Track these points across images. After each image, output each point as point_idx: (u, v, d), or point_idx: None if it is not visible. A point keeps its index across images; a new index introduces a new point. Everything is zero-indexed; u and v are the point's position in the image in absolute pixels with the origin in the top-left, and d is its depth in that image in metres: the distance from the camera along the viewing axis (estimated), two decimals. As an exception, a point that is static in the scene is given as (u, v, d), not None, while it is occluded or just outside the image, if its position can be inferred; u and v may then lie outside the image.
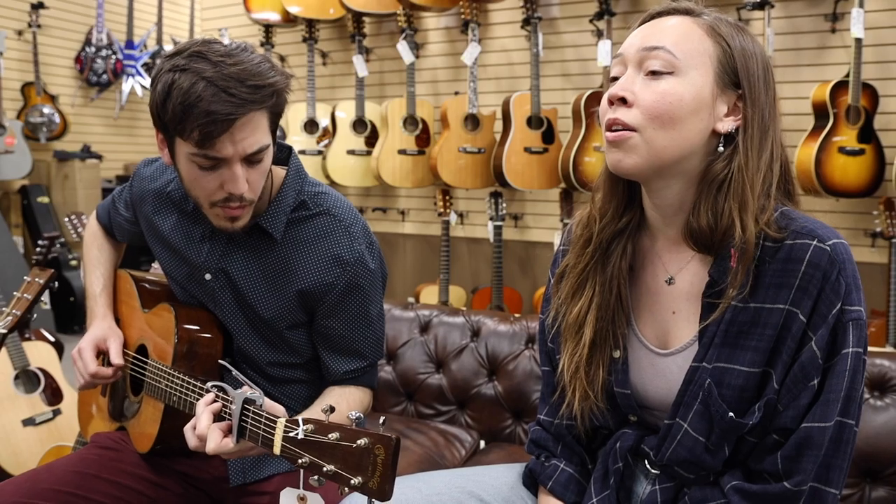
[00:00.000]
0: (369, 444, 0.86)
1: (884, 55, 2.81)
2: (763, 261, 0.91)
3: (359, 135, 3.56)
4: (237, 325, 1.32)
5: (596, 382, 1.02)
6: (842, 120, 2.70)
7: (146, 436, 1.31)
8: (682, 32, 0.93)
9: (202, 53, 1.09)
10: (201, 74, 1.07)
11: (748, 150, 0.92)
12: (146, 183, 1.38)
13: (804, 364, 0.89)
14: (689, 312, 0.98)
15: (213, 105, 1.06)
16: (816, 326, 0.89)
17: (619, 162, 0.94)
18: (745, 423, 0.91)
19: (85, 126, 4.95)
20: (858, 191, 2.73)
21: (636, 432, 1.04)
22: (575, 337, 1.04)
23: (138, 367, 1.36)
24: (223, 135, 1.09)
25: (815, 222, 0.92)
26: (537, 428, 1.16)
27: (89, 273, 1.50)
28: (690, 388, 0.95)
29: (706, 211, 0.92)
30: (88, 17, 4.92)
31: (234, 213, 1.18)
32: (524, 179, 3.23)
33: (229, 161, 1.12)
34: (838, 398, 0.88)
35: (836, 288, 0.88)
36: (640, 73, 0.93)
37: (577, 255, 1.06)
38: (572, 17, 3.37)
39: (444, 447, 1.94)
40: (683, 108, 0.91)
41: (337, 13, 3.65)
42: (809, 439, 0.89)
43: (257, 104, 1.10)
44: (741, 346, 0.92)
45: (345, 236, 1.26)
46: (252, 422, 1.02)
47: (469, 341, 2.15)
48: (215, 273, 1.30)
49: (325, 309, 1.27)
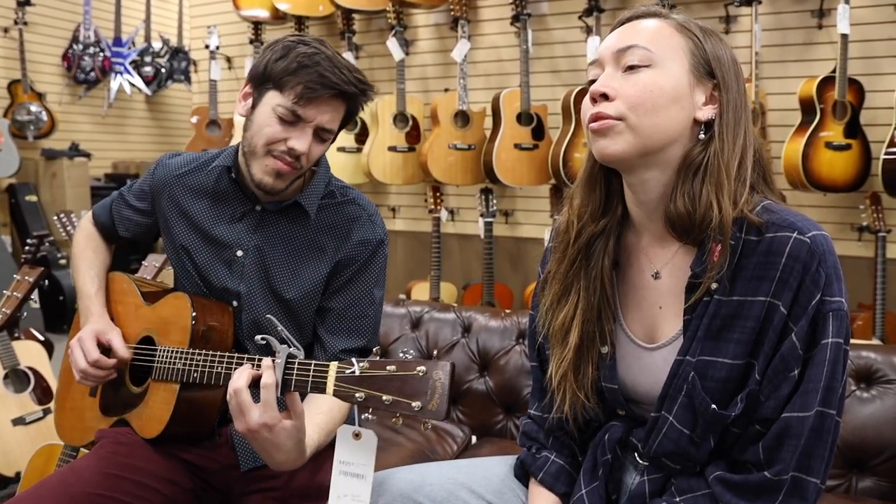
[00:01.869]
0: (428, 371, 0.95)
1: (869, 51, 2.83)
2: (744, 254, 0.93)
3: (349, 132, 3.56)
4: (257, 303, 1.38)
5: (585, 383, 1.04)
6: (828, 115, 2.72)
7: (156, 419, 1.32)
8: (654, 31, 0.97)
9: (323, 41, 1.32)
10: (322, 52, 1.28)
11: (723, 133, 0.95)
12: (171, 170, 1.47)
13: (784, 355, 0.90)
14: (675, 306, 0.99)
15: (327, 73, 1.26)
16: (797, 318, 0.90)
17: (605, 149, 0.95)
18: (728, 415, 0.93)
19: (73, 124, 4.93)
20: (845, 185, 2.75)
21: (624, 425, 1.05)
22: (562, 343, 1.05)
23: (143, 356, 1.37)
24: (320, 99, 1.27)
25: (795, 215, 0.94)
26: (528, 421, 1.17)
27: (82, 273, 1.52)
28: (675, 381, 0.97)
29: (683, 195, 0.94)
30: (76, 15, 4.90)
31: (284, 168, 1.29)
32: (514, 176, 3.24)
33: (307, 124, 1.28)
34: (818, 388, 0.89)
35: (816, 279, 0.89)
36: (619, 71, 0.96)
37: (558, 261, 1.07)
38: (561, 14, 3.38)
39: (436, 442, 1.95)
40: (664, 96, 0.94)
41: (326, 10, 3.64)
42: (789, 429, 0.90)
43: (355, 89, 1.29)
44: (724, 339, 0.93)
45: (369, 223, 1.41)
46: (299, 372, 1.06)
47: (460, 337, 2.16)
48: (248, 249, 1.38)
49: (338, 284, 1.37)
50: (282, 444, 1.06)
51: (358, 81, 1.29)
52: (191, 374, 1.25)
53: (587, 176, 1.06)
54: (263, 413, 1.03)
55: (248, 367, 1.08)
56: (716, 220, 0.92)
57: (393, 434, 1.94)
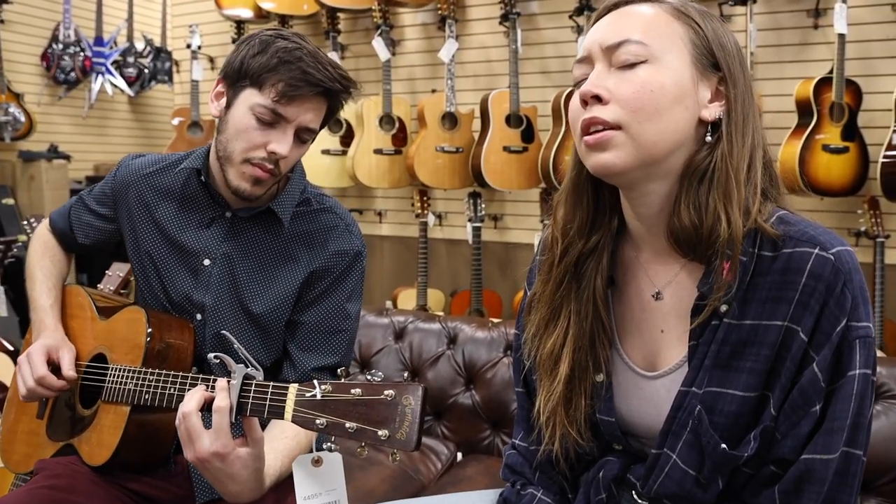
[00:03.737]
0: (396, 395, 0.85)
1: (867, 51, 2.76)
2: (758, 272, 0.82)
3: (333, 134, 3.46)
4: (223, 316, 1.28)
5: (577, 417, 0.93)
6: (825, 117, 2.65)
7: (104, 445, 1.21)
8: (647, 20, 0.84)
9: (302, 36, 1.24)
10: (304, 46, 1.20)
11: (732, 135, 0.83)
12: (135, 170, 1.39)
13: (804, 388, 0.80)
14: (679, 330, 0.89)
15: (311, 69, 1.18)
16: (819, 346, 0.79)
17: (604, 164, 0.84)
18: (740, 455, 0.82)
19: (52, 125, 4.80)
20: (843, 189, 2.68)
21: (621, 460, 0.94)
22: (550, 374, 0.94)
23: (94, 375, 1.27)
24: (302, 97, 1.19)
25: (815, 227, 0.83)
26: (512, 452, 1.06)
27: (37, 284, 1.42)
28: (679, 414, 0.86)
29: (688, 207, 0.83)
30: (55, 13, 4.78)
31: (262, 175, 1.21)
32: (503, 179, 3.15)
33: (287, 124, 1.20)
34: (843, 426, 0.79)
35: (842, 302, 0.79)
36: (611, 68, 0.84)
37: (543, 282, 0.96)
38: (552, 13, 3.30)
39: (419, 461, 1.86)
40: (666, 95, 0.82)
41: (311, 9, 3.55)
42: (811, 473, 0.79)
43: (338, 89, 1.22)
44: (735, 368, 0.83)
45: (346, 233, 1.34)
46: (255, 394, 0.96)
47: (446, 348, 2.07)
48: (215, 258, 1.29)
49: (311, 296, 1.30)
50: (236, 474, 0.97)
51: (342, 78, 1.23)
52: (142, 396, 1.15)
53: (572, 185, 0.95)
54: (215, 440, 0.93)
55: (201, 388, 0.99)
56: (724, 234, 0.81)
57: (373, 452, 1.85)
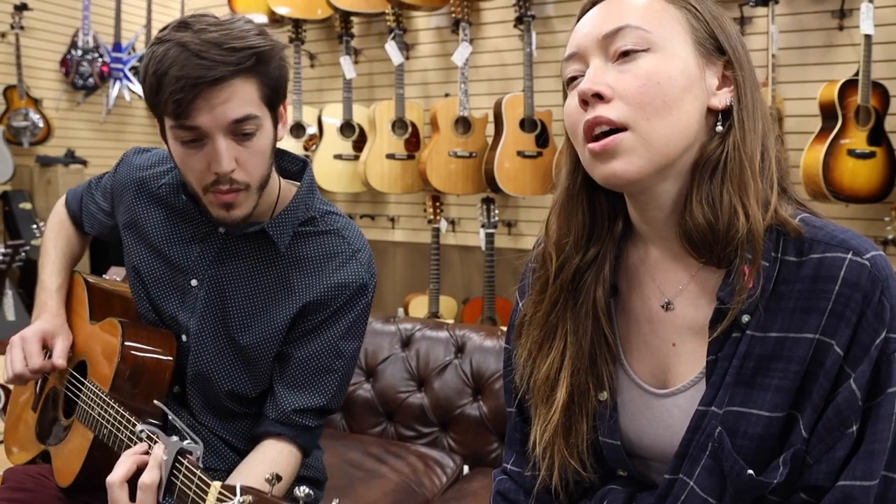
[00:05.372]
0: None
1: (895, 53, 2.66)
2: (784, 279, 0.75)
3: (346, 139, 3.43)
4: (209, 343, 1.17)
5: (578, 445, 0.84)
6: (851, 121, 2.56)
7: (69, 468, 1.16)
8: (642, 6, 0.77)
9: (187, 23, 1.04)
10: (178, 41, 1.01)
11: (744, 121, 0.77)
12: (135, 171, 1.28)
13: (840, 407, 0.72)
14: (694, 344, 0.81)
15: (184, 69, 1.00)
16: (856, 361, 0.72)
17: (616, 173, 0.76)
18: (769, 483, 0.74)
19: (70, 130, 4.83)
20: (869, 196, 2.58)
21: (626, 489, 0.86)
22: (547, 401, 0.85)
23: (74, 385, 1.21)
24: (196, 100, 1.01)
25: (845, 231, 0.76)
26: (503, 478, 0.98)
27: (48, 263, 1.36)
28: (697, 437, 0.78)
29: (700, 203, 0.76)
30: (74, 20, 4.81)
31: (227, 199, 1.08)
32: (517, 185, 3.09)
33: (211, 134, 1.03)
34: (885, 449, 0.71)
35: (880, 312, 0.71)
36: (609, 62, 0.77)
37: (534, 304, 0.88)
38: (567, 16, 3.23)
39: (423, 474, 1.79)
40: (675, 86, 0.75)
41: (324, 13, 3.52)
42: (850, 501, 0.71)
43: (232, 66, 1.01)
44: (760, 386, 0.75)
45: (351, 261, 1.18)
46: (184, 479, 0.87)
47: (453, 357, 2.01)
48: (203, 280, 1.18)
49: (303, 329, 1.16)
50: None
51: (231, 51, 1.00)
52: (101, 429, 1.09)
53: (566, 195, 0.86)
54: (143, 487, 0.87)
55: (137, 451, 0.92)
56: (743, 229, 0.73)
57: (376, 463, 1.79)
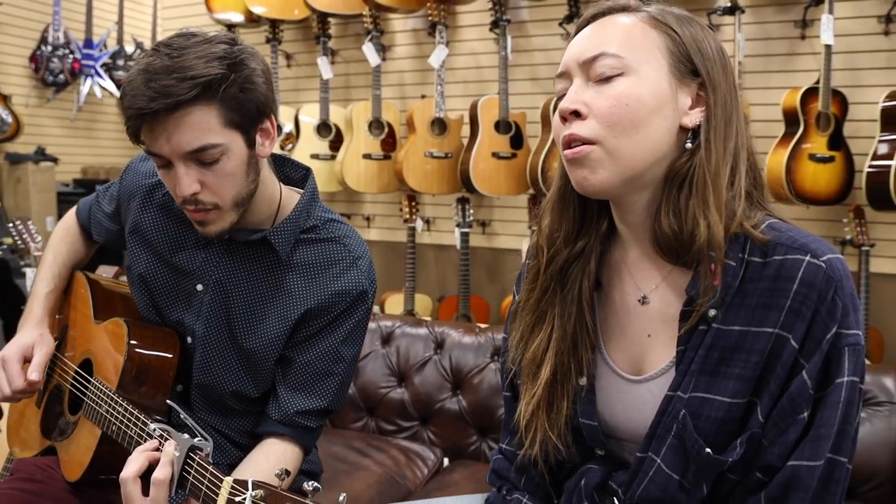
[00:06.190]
0: None
1: (853, 62, 2.78)
2: (749, 278, 0.83)
3: (323, 138, 3.46)
4: (214, 346, 1.21)
5: (558, 422, 0.92)
6: (812, 127, 2.67)
7: (77, 463, 1.19)
8: (623, 32, 0.85)
9: (161, 43, 1.05)
10: (144, 66, 1.03)
11: (711, 141, 0.84)
12: (140, 178, 1.29)
13: (793, 395, 0.80)
14: (666, 336, 0.89)
15: (135, 99, 1.01)
16: (810, 353, 0.80)
17: (584, 180, 0.85)
18: (725, 461, 0.82)
19: (40, 127, 4.77)
20: (829, 198, 2.70)
21: (603, 468, 0.94)
22: (533, 378, 0.94)
23: (80, 384, 1.24)
24: (148, 128, 1.04)
25: (807, 235, 0.84)
26: (499, 457, 1.07)
27: (43, 268, 1.38)
28: (664, 419, 0.86)
29: (668, 213, 0.84)
30: (44, 15, 4.75)
31: (197, 217, 1.11)
32: (492, 185, 3.16)
33: (172, 160, 1.05)
34: (830, 433, 0.80)
35: (832, 310, 0.79)
36: (589, 82, 0.86)
37: (527, 291, 0.96)
38: (541, 21, 3.31)
39: (406, 466, 1.85)
40: (644, 108, 0.83)
41: (301, 14, 3.55)
42: (797, 479, 0.80)
43: (173, 98, 1.00)
44: (723, 374, 0.83)
45: (352, 268, 1.21)
46: (196, 474, 0.91)
47: (433, 353, 2.07)
48: (209, 284, 1.21)
49: (304, 335, 1.19)
50: None
51: (179, 81, 0.99)
52: (110, 426, 1.12)
53: (559, 194, 0.95)
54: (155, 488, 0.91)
55: (148, 448, 0.96)
56: (703, 239, 0.81)
57: (359, 457, 1.84)
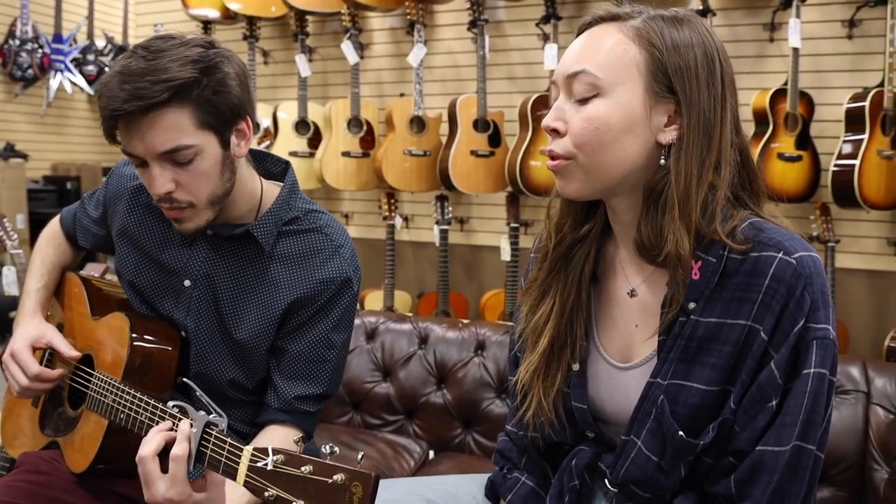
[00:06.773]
0: (346, 481, 0.81)
1: (819, 65, 2.88)
2: (727, 273, 0.88)
3: (301, 136, 3.47)
4: (207, 339, 1.24)
5: (550, 393, 0.99)
6: (780, 127, 2.76)
7: (83, 454, 1.21)
8: (607, 48, 0.89)
9: (139, 46, 1.08)
10: (120, 68, 1.06)
11: (680, 160, 0.88)
12: (126, 181, 1.32)
13: (762, 384, 0.86)
14: (651, 326, 0.94)
15: (111, 100, 1.05)
16: (778, 345, 0.85)
17: (562, 188, 0.95)
18: (697, 444, 0.88)
19: (8, 123, 4.70)
20: (796, 196, 2.79)
21: (593, 449, 1.00)
22: (533, 346, 1.01)
23: (81, 378, 1.26)
24: (126, 131, 1.08)
25: (784, 233, 0.89)
26: (504, 438, 1.13)
27: (33, 269, 1.40)
28: (645, 404, 0.92)
29: (646, 226, 0.90)
30: (12, 8, 4.67)
31: (172, 215, 1.15)
32: (470, 183, 3.20)
33: (147, 159, 1.09)
34: (796, 421, 0.84)
35: (801, 304, 0.84)
36: (571, 98, 0.91)
37: (537, 269, 1.03)
38: (518, 21, 3.36)
39: (393, 458, 1.89)
40: (611, 130, 0.88)
41: (279, 11, 3.54)
42: (762, 463, 0.85)
43: (145, 101, 1.03)
44: (699, 363, 0.89)
45: (335, 256, 1.24)
46: (214, 447, 0.94)
47: (417, 349, 2.11)
48: (197, 280, 1.24)
49: (294, 324, 1.22)
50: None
51: (151, 84, 1.02)
52: (118, 414, 1.14)
53: None
54: (170, 487, 0.93)
55: (163, 428, 0.98)
56: (672, 249, 0.87)
57: (347, 451, 1.87)
